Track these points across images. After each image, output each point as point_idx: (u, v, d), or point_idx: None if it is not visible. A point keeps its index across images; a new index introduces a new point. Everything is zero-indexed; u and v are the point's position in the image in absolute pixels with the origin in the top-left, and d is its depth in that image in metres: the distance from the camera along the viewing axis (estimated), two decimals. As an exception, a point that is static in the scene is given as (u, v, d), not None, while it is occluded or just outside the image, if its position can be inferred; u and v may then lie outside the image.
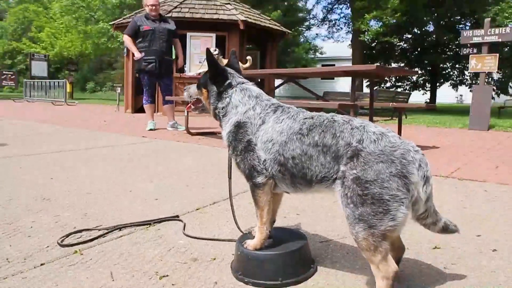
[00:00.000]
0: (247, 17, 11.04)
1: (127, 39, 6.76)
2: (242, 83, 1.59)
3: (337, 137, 1.29)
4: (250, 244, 1.51)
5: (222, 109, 1.55)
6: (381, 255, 1.20)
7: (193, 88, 1.72)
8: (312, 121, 1.38)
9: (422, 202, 1.26)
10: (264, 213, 1.49)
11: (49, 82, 18.52)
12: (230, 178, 1.72)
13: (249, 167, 1.45)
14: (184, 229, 1.95)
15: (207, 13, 10.81)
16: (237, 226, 1.72)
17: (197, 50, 10.46)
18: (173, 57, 7.05)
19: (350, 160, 1.25)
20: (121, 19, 13.02)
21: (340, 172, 1.27)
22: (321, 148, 1.31)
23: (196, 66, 9.70)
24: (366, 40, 16.97)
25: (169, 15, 10.06)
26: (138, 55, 6.56)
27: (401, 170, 1.19)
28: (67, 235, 1.84)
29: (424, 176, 1.23)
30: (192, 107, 1.76)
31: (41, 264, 1.55)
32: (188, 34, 10.36)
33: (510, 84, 19.81)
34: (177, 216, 2.15)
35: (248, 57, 6.89)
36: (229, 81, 1.57)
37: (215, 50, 6.41)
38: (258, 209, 1.49)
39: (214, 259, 1.63)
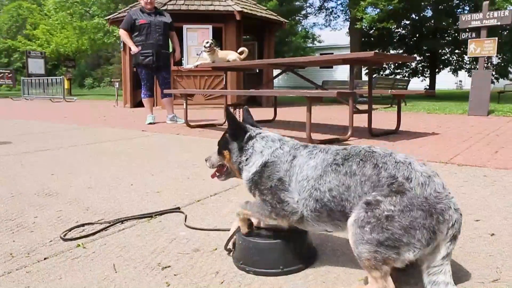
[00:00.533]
0: (243, 8, 10.98)
1: (123, 33, 6.74)
2: (261, 133, 1.55)
3: (379, 167, 1.23)
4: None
5: (246, 161, 1.50)
6: (381, 274, 1.19)
7: (214, 157, 1.70)
8: (347, 152, 1.33)
9: (440, 255, 1.21)
10: (255, 221, 1.53)
11: (47, 79, 18.47)
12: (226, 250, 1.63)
13: (279, 200, 1.37)
14: (185, 220, 1.97)
15: (202, 5, 10.75)
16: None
17: (194, 43, 10.44)
18: (170, 50, 7.03)
19: (392, 194, 1.18)
20: (116, 13, 12.96)
21: (371, 196, 1.21)
22: (359, 178, 1.24)
23: (193, 58, 9.67)
24: (363, 27, 16.87)
25: (164, 7, 10.01)
26: (134, 49, 6.55)
27: (434, 226, 1.16)
28: (70, 229, 1.85)
29: (452, 235, 1.20)
30: (217, 174, 1.72)
31: (45, 258, 1.57)
32: (185, 26, 10.33)
33: (510, 69, 19.75)
34: (179, 208, 2.16)
35: (244, 48, 6.86)
36: (249, 133, 1.54)
37: (207, 42, 6.39)
38: (257, 217, 1.49)
39: (216, 249, 1.65)
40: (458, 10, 18.27)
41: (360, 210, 1.21)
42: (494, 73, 17.66)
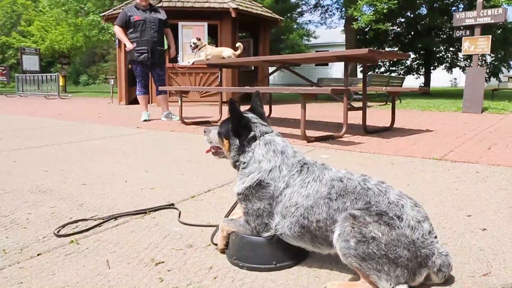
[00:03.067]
0: (239, 5, 10.95)
1: (118, 30, 6.71)
2: (266, 133, 1.49)
3: (371, 205, 1.25)
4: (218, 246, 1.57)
5: (243, 164, 1.47)
6: (371, 279, 1.21)
7: (213, 134, 1.62)
8: (342, 186, 1.31)
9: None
10: (239, 231, 1.50)
11: (42, 76, 18.36)
12: (228, 213, 1.72)
13: (261, 223, 1.42)
14: (179, 216, 1.97)
15: (197, 2, 10.72)
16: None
17: (189, 40, 10.40)
18: (165, 47, 7.01)
19: (381, 223, 1.20)
20: (111, 10, 12.88)
21: (358, 212, 1.23)
22: (350, 209, 1.27)
23: (188, 56, 9.65)
24: (359, 27, 16.88)
25: (160, 4, 9.96)
26: (129, 46, 6.52)
27: (416, 269, 1.19)
28: (63, 226, 1.85)
29: (443, 277, 1.25)
30: (213, 151, 1.68)
31: (38, 254, 1.57)
32: (180, 23, 10.29)
33: (502, 68, 19.85)
34: (172, 204, 2.17)
35: (239, 44, 6.87)
36: (253, 133, 1.47)
37: (191, 43, 6.43)
38: (234, 228, 1.51)
39: (209, 245, 1.66)
40: (453, 8, 18.31)
41: (345, 224, 1.23)
42: (487, 71, 17.76)
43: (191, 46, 7.12)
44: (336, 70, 29.59)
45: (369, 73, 14.52)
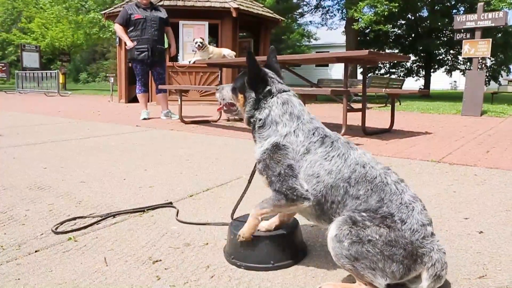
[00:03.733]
0: (240, 5, 10.96)
1: (118, 28, 6.71)
2: (283, 91, 1.43)
3: (383, 203, 1.23)
4: (240, 234, 1.47)
5: (259, 121, 1.41)
6: (366, 280, 1.21)
7: (226, 90, 1.55)
8: (363, 172, 1.28)
9: None
10: (270, 213, 1.42)
11: (41, 73, 18.35)
12: (249, 182, 1.64)
13: (289, 188, 1.32)
14: (177, 215, 1.97)
15: (199, 1, 10.73)
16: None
17: (190, 39, 10.40)
18: (166, 45, 7.02)
19: (382, 226, 1.20)
20: (112, 8, 12.89)
21: (360, 216, 1.22)
22: (361, 202, 1.25)
23: (189, 54, 9.66)
24: (360, 28, 16.90)
25: (161, 3, 9.97)
26: (130, 44, 6.52)
27: (411, 265, 1.19)
28: (61, 223, 1.86)
29: (435, 274, 1.20)
30: (225, 109, 1.58)
31: (36, 251, 1.57)
32: (181, 22, 10.29)
33: (501, 72, 19.90)
34: (171, 203, 2.17)
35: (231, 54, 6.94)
36: (269, 87, 1.42)
37: (196, 42, 6.47)
38: (268, 207, 1.38)
39: (207, 243, 1.66)
40: (454, 11, 18.34)
41: (343, 227, 1.22)
42: (487, 74, 17.79)
43: (196, 45, 7.12)
44: (336, 71, 29.58)
45: (369, 75, 14.54)
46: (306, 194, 1.31)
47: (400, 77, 20.16)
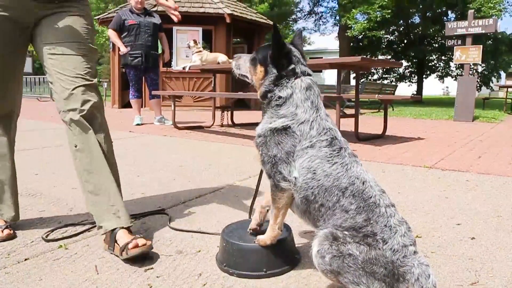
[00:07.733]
0: (233, 11, 10.99)
1: (112, 34, 6.69)
2: (306, 74, 1.39)
3: (370, 223, 1.21)
4: (260, 239, 1.47)
5: (279, 98, 1.35)
6: None
7: (244, 60, 1.49)
8: (362, 188, 1.26)
9: None
10: (280, 214, 1.40)
11: (34, 78, 18.23)
12: (257, 187, 1.67)
13: (277, 171, 1.32)
14: (169, 222, 1.96)
15: (193, 7, 10.74)
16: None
17: (184, 44, 10.40)
18: (159, 51, 7.01)
19: (363, 244, 1.19)
20: (106, 13, 12.87)
21: (341, 234, 1.21)
22: (348, 216, 1.23)
23: (182, 60, 9.66)
24: (353, 35, 17.04)
25: (155, 9, 9.95)
26: (123, 49, 6.50)
27: (393, 284, 1.16)
28: (52, 230, 1.83)
29: None
30: (235, 71, 1.54)
31: (25, 259, 1.55)
32: (174, 28, 10.28)
33: (492, 78, 20.15)
34: (163, 210, 2.16)
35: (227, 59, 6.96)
36: (293, 66, 1.36)
37: (188, 44, 6.48)
38: (274, 209, 1.39)
39: (199, 251, 1.65)
40: (445, 18, 18.55)
41: (324, 243, 1.22)
42: (478, 80, 17.98)
43: (187, 45, 7.14)
44: (329, 76, 29.75)
45: (362, 81, 14.63)
46: (292, 180, 1.30)
47: (393, 83, 20.31)
